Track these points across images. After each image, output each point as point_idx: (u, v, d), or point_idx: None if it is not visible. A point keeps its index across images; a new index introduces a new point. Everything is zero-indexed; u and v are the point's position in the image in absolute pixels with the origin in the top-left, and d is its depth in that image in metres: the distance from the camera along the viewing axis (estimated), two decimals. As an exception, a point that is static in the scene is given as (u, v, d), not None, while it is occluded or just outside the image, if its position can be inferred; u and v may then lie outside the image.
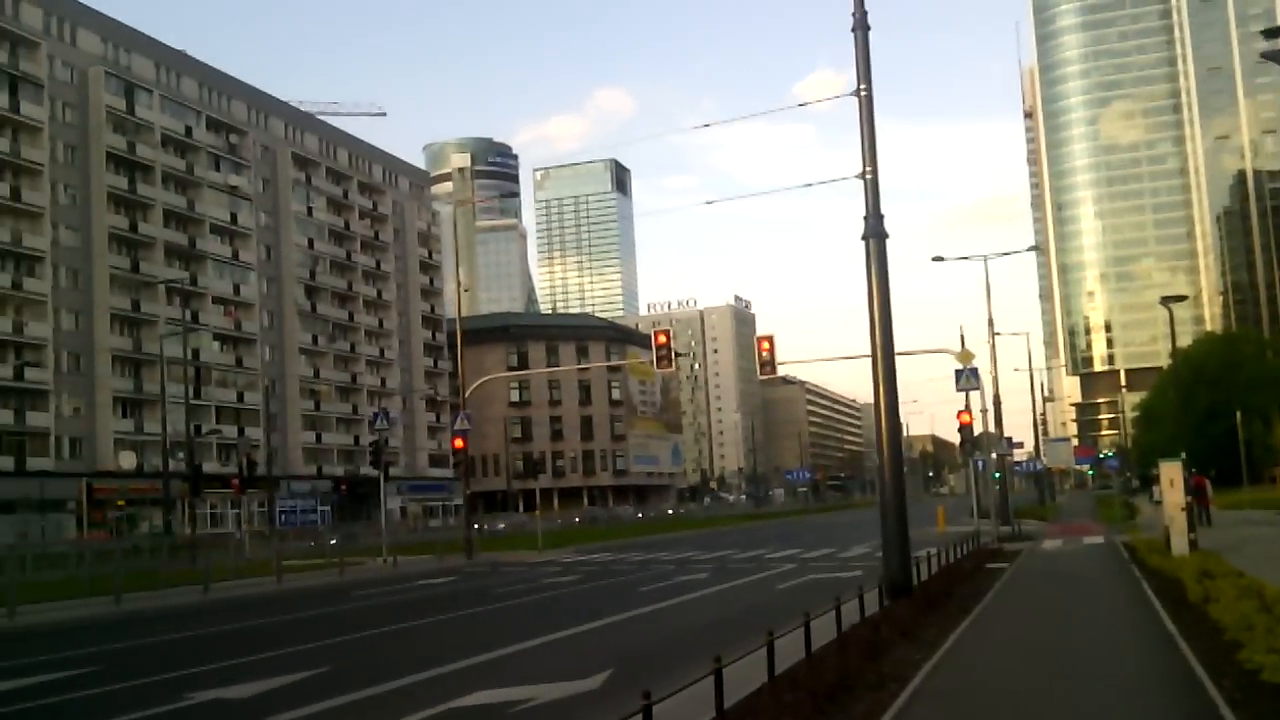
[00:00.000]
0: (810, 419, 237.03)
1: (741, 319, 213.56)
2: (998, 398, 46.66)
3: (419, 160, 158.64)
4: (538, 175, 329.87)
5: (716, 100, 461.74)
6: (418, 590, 27.68)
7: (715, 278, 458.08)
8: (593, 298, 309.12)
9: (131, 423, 74.14)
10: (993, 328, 44.41)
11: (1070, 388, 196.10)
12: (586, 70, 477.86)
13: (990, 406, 45.00)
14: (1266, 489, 66.86)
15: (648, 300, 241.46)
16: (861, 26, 17.73)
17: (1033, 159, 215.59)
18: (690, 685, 8.31)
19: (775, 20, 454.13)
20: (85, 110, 74.69)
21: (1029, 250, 69.80)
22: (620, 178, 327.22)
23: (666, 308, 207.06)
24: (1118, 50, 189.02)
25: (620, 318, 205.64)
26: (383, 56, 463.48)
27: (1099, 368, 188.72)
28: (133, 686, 13.35)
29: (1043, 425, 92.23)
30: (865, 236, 17.91)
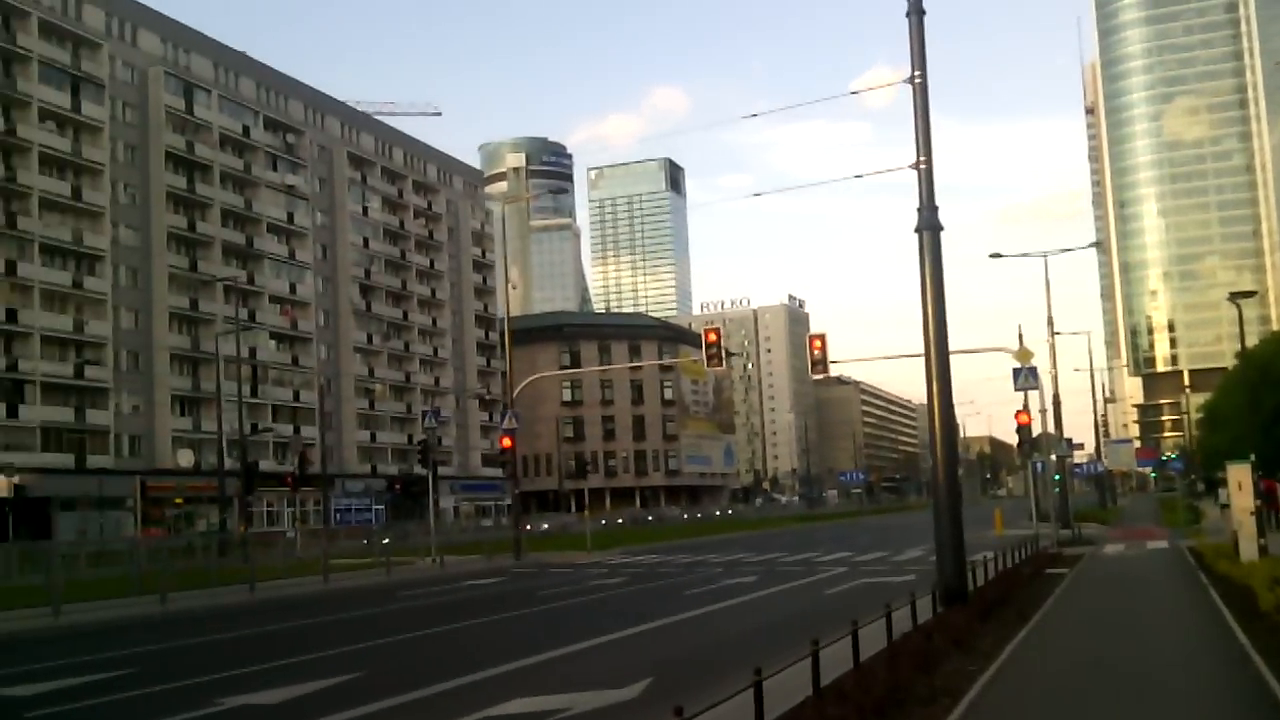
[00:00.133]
0: (865, 420, 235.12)
1: (795, 318, 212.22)
2: (1057, 398, 45.66)
3: (474, 160, 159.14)
4: (592, 174, 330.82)
5: (772, 99, 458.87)
6: (464, 591, 27.45)
7: (769, 277, 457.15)
8: (646, 297, 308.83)
9: (189, 421, 74.96)
10: (1052, 326, 43.51)
11: (1132, 388, 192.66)
12: (643, 69, 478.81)
13: (1049, 407, 43.94)
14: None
15: (701, 300, 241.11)
16: (916, 11, 17.17)
17: (1094, 156, 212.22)
18: (729, 699, 8.03)
19: (832, 19, 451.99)
20: (145, 110, 75.61)
21: (1090, 247, 68.87)
22: (674, 177, 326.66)
23: (720, 307, 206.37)
24: (1182, 45, 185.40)
25: (673, 317, 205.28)
26: (439, 57, 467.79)
27: (1162, 368, 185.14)
28: (165, 691, 13.16)
29: (1104, 427, 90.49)
30: (919, 229, 17.35)
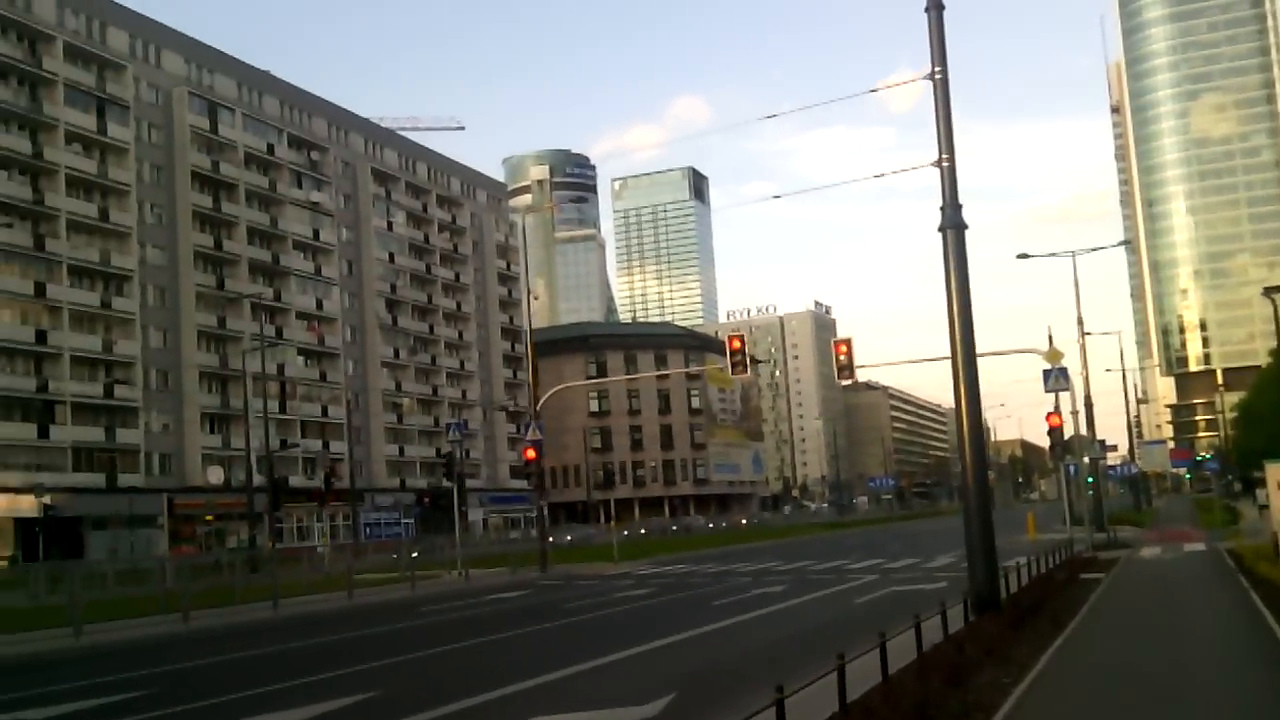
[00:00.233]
0: (894, 425, 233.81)
1: (822, 324, 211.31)
2: (1089, 399, 45.05)
3: (498, 173, 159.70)
4: (616, 185, 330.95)
5: (794, 105, 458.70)
6: (487, 605, 27.15)
7: (795, 284, 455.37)
8: (672, 306, 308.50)
9: (219, 438, 75.24)
10: (1082, 327, 42.93)
11: (1165, 389, 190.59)
12: (665, 79, 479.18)
13: (1081, 408, 43.33)
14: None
15: (727, 308, 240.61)
16: (935, 6, 16.84)
17: (1121, 155, 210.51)
18: (750, 717, 7.77)
19: (853, 26, 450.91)
20: (170, 130, 76.16)
21: (1119, 245, 67.90)
22: (698, 185, 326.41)
23: (746, 315, 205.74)
24: (1207, 41, 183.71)
25: (700, 326, 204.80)
26: (462, 73, 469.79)
27: (1194, 367, 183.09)
28: (182, 712, 12.94)
29: (1137, 428, 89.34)
30: (942, 228, 16.97)
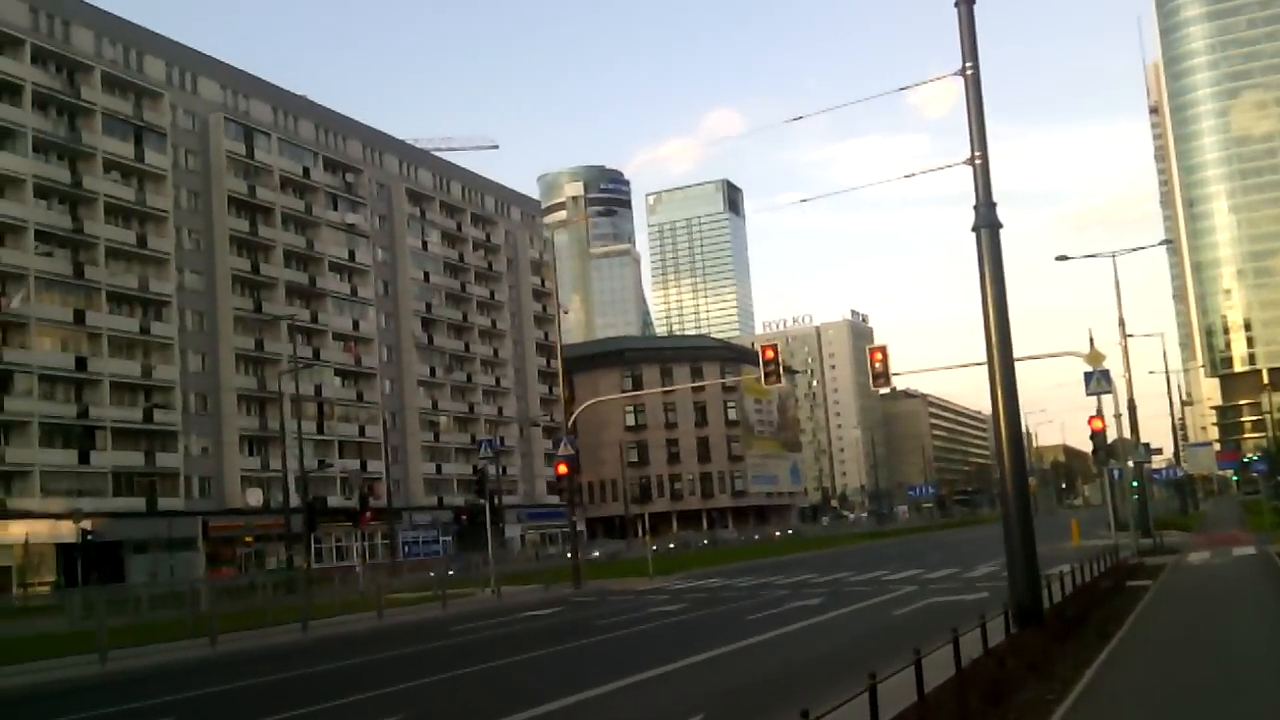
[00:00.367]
0: (934, 433, 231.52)
1: (859, 333, 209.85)
2: (1132, 402, 44.14)
3: (533, 191, 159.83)
4: (650, 199, 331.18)
5: (829, 115, 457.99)
6: (519, 623, 26.81)
7: (832, 294, 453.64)
8: (708, 319, 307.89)
9: (257, 460, 75.51)
10: (1124, 328, 42.01)
11: (1209, 390, 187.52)
12: (698, 93, 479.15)
13: (1124, 411, 42.50)
14: None
15: (763, 319, 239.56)
16: (965, 1, 16.38)
17: (1161, 155, 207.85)
18: None
19: (887, 36, 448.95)
20: (207, 156, 76.77)
21: (1161, 245, 66.78)
22: (732, 198, 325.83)
23: (782, 326, 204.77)
24: (1246, 39, 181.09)
25: (736, 338, 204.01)
26: (496, 93, 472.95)
27: (1239, 368, 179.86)
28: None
29: (1181, 430, 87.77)
30: (976, 227, 16.44)
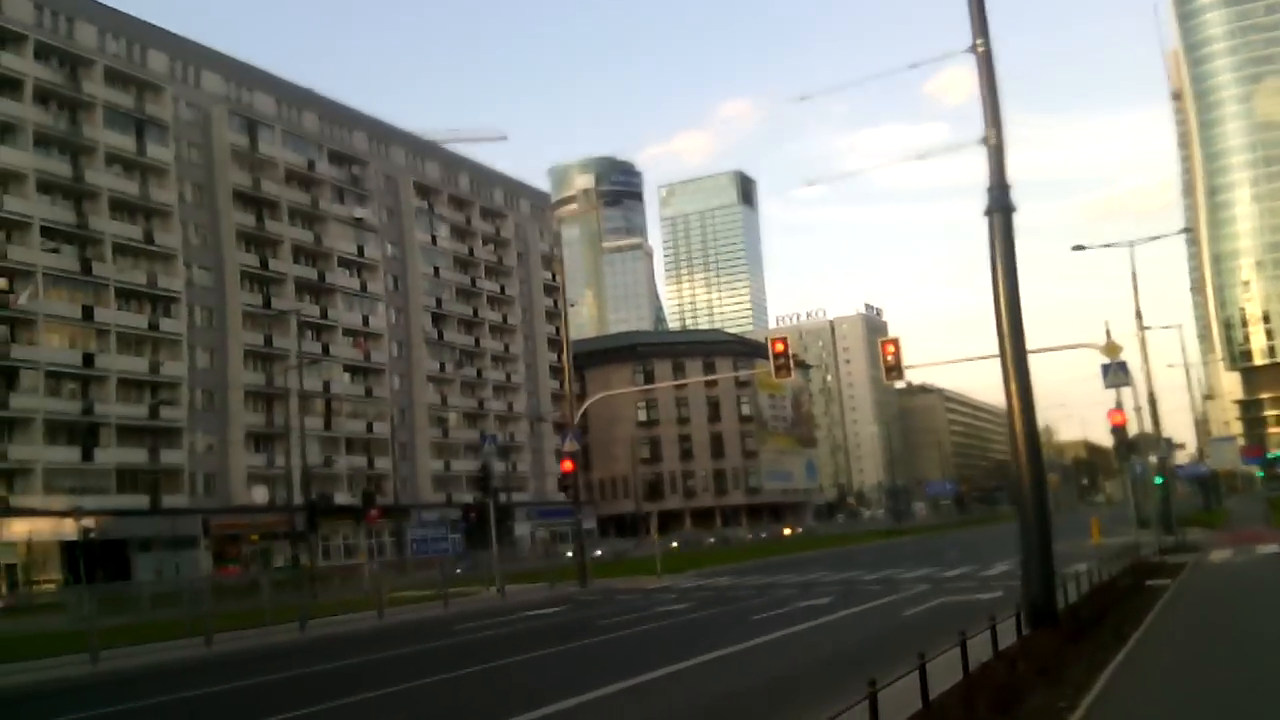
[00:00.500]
0: (952, 429, 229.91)
1: (873, 327, 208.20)
2: (1152, 395, 43.12)
3: (544, 183, 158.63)
4: (663, 192, 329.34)
5: (842, 105, 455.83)
6: (522, 623, 26.17)
7: (847, 288, 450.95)
8: (721, 313, 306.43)
9: (263, 457, 74.90)
10: (1141, 320, 41.06)
11: (1230, 384, 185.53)
12: (710, 83, 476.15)
13: (1144, 405, 41.52)
14: None
15: (777, 313, 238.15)
16: (973, -27, 15.57)
17: (1183, 142, 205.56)
18: None
19: (902, 23, 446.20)
20: (210, 149, 76.18)
21: (1180, 233, 65.71)
22: (746, 190, 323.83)
23: (796, 319, 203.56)
24: (1266, 24, 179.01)
25: (750, 332, 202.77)
26: (505, 83, 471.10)
27: (1260, 361, 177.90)
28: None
29: (1204, 424, 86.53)
30: (989, 210, 15.58)
